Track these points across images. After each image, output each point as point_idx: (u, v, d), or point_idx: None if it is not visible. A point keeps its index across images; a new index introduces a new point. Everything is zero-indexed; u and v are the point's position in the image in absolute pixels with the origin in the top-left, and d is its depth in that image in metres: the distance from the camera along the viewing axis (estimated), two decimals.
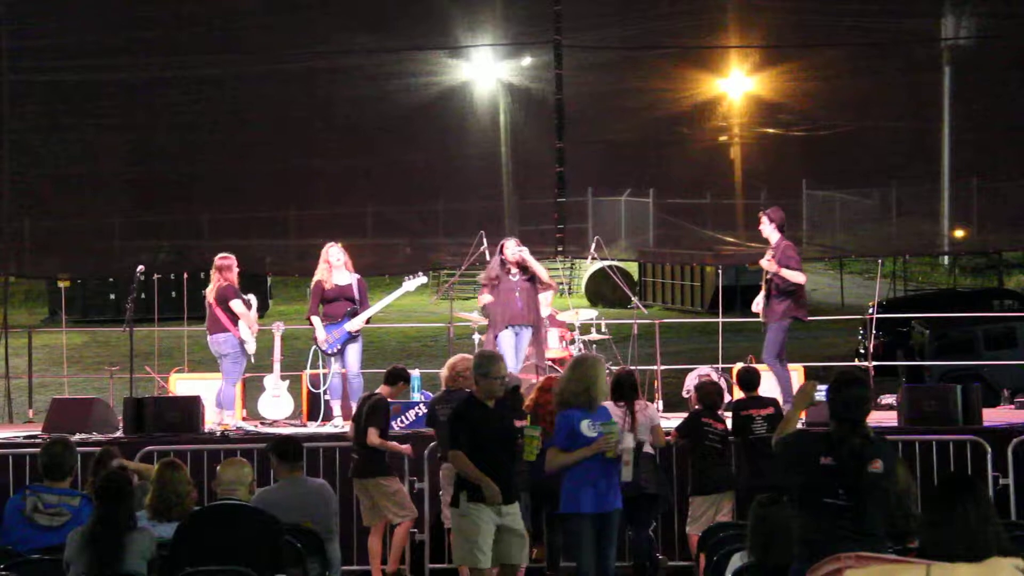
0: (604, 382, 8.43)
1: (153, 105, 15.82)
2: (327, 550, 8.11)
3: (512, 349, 12.50)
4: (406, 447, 10.60)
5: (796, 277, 12.00)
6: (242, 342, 12.21)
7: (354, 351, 12.55)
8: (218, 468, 7.31)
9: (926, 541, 5.14)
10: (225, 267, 12.40)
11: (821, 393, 7.05)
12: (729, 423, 10.52)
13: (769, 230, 12.34)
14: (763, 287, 12.28)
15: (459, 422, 8.26)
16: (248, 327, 12.26)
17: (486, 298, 12.70)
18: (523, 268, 12.54)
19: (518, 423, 9.03)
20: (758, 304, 12.32)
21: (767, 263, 12.06)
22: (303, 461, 8.71)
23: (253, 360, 12.42)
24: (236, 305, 12.23)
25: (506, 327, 12.50)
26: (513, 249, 12.56)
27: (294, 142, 15.85)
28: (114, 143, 15.88)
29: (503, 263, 12.57)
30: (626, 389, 10.21)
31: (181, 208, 15.94)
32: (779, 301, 12.17)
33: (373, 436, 10.16)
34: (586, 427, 8.19)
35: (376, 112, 15.62)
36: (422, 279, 13.10)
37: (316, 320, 12.58)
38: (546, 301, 13.22)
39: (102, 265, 16.80)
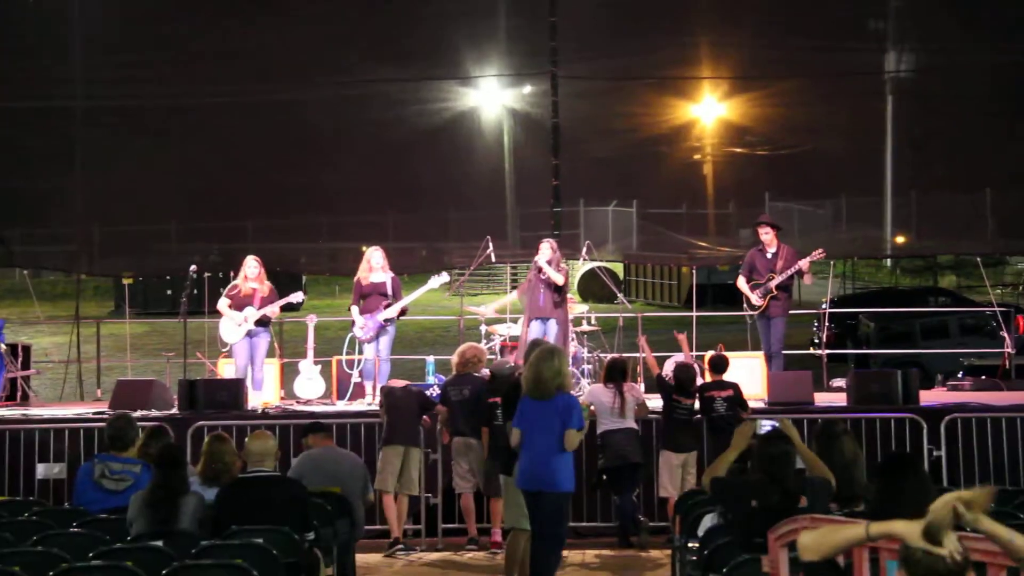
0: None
1: (205, 127, 15.82)
2: (354, 512, 8.13)
3: (537, 337, 12.46)
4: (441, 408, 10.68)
5: (812, 279, 12.37)
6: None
7: (385, 340, 12.56)
8: (246, 440, 7.29)
9: (875, 509, 5.15)
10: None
11: (766, 426, 6.97)
12: (698, 402, 10.60)
13: (771, 237, 12.38)
14: (762, 286, 12.27)
15: (516, 399, 8.26)
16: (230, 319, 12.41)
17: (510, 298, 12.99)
18: None
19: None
20: (760, 299, 12.30)
21: (807, 264, 12.11)
22: (327, 432, 8.95)
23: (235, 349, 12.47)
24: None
25: (533, 319, 12.48)
26: (542, 251, 12.48)
27: (325, 159, 15.86)
28: (172, 159, 15.89)
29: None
30: (616, 373, 10.31)
31: (228, 216, 15.96)
32: (788, 298, 12.35)
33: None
34: None
35: (396, 133, 15.62)
36: (445, 277, 13.14)
37: (354, 310, 12.60)
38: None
39: (161, 265, 16.83)
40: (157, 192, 15.97)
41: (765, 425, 7.09)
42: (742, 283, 12.55)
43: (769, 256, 12.43)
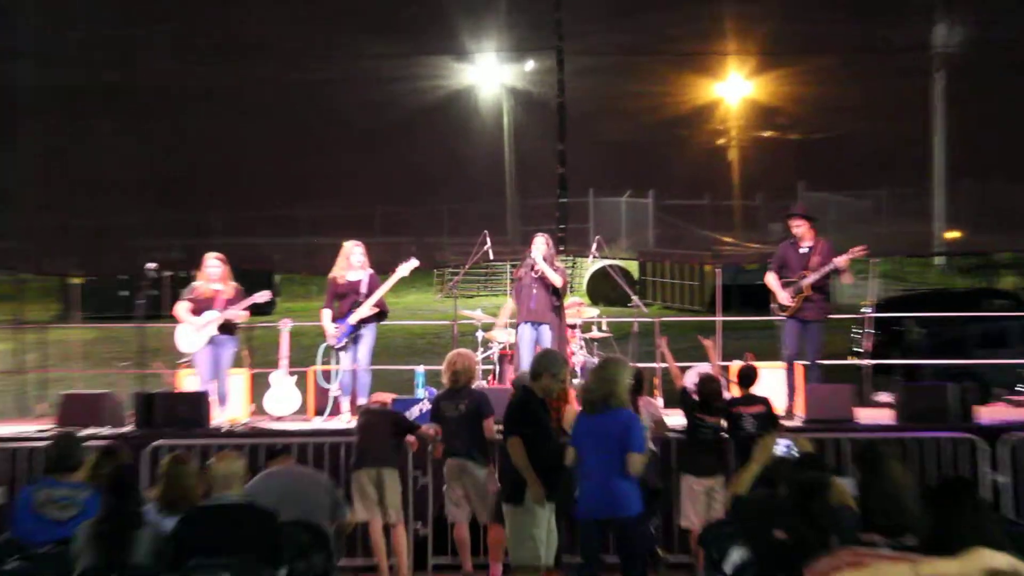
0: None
1: (167, 108, 15.77)
2: (329, 542, 8.04)
3: (529, 344, 12.47)
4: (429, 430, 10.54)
5: (852, 278, 12.25)
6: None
7: (364, 346, 12.47)
8: (210, 462, 7.23)
9: (927, 542, 5.08)
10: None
11: (781, 446, 6.93)
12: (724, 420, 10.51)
13: (805, 230, 12.30)
14: (794, 285, 12.17)
15: (522, 412, 8.28)
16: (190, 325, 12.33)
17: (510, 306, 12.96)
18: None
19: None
20: (789, 299, 12.19)
21: (845, 262, 12.02)
22: (289, 454, 8.87)
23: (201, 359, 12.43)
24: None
25: (523, 323, 12.49)
26: (537, 245, 12.51)
27: (304, 143, 15.82)
28: (128, 145, 15.82)
29: (529, 256, 12.58)
30: (634, 384, 10.20)
31: (192, 207, 15.91)
32: (824, 300, 12.23)
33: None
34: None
35: (384, 115, 15.59)
36: (414, 262, 12.95)
37: (325, 314, 12.50)
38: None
39: (115, 263, 16.78)
40: (112, 181, 15.91)
41: (780, 445, 7.03)
42: (771, 280, 12.49)
43: (803, 251, 12.36)
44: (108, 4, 15.94)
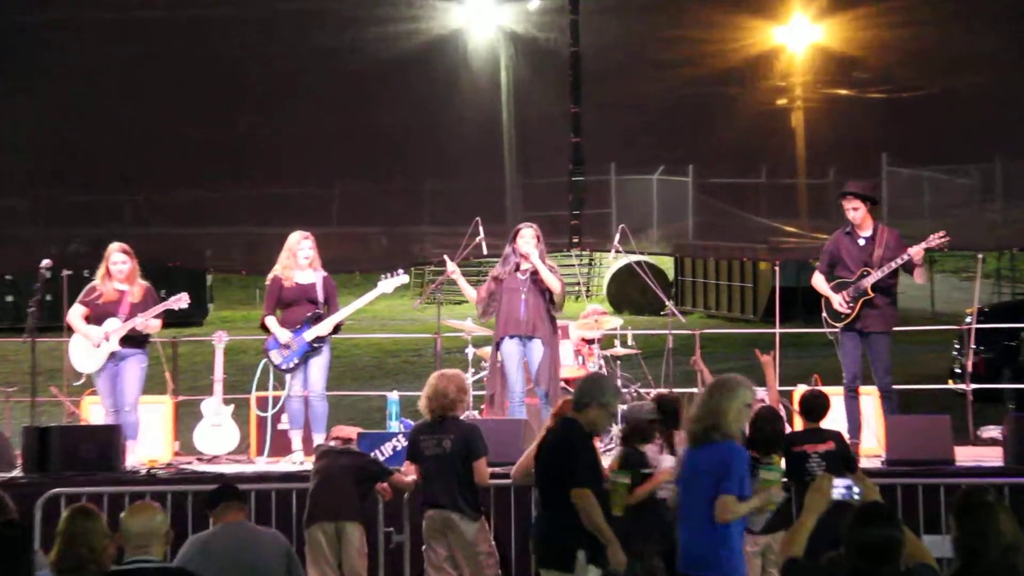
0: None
1: (63, 56, 15.77)
2: None
3: (516, 362, 12.53)
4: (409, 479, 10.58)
5: (925, 276, 12.30)
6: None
7: (317, 367, 12.52)
8: (121, 516, 7.26)
9: None
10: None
11: (839, 489, 7.01)
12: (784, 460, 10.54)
13: (863, 214, 12.35)
14: (852, 286, 12.23)
15: (588, 456, 8.42)
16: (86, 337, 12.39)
17: (469, 291, 13.03)
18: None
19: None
20: (844, 305, 12.24)
21: (920, 253, 12.04)
22: (241, 501, 8.79)
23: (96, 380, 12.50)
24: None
25: (507, 336, 12.54)
26: (526, 239, 12.57)
27: (244, 104, 15.86)
28: (12, 104, 15.83)
29: (514, 252, 12.64)
30: (666, 415, 10.26)
31: (98, 187, 15.91)
32: (891, 305, 12.26)
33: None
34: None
35: (347, 67, 15.63)
36: (402, 278, 13.07)
37: (272, 322, 12.52)
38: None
39: None
40: None
41: (838, 486, 7.12)
42: (820, 281, 12.61)
43: (862, 242, 12.44)
44: None
